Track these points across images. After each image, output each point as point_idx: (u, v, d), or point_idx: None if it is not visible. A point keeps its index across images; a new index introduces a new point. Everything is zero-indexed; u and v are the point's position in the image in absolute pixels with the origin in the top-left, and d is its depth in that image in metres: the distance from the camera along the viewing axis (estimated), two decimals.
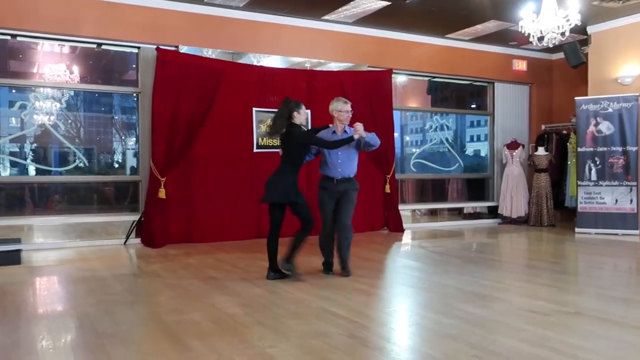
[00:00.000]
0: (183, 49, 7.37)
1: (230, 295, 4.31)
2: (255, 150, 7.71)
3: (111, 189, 8.75)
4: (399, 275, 5.61)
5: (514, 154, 9.78)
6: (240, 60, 7.88)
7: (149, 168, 7.10)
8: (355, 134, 4.94)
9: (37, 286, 4.97)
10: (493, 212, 10.17)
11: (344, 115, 5.15)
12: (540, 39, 6.30)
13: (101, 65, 8.99)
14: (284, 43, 8.07)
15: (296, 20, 8.09)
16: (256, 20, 7.81)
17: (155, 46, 7.14)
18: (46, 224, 7.66)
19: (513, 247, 7.78)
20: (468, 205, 10.59)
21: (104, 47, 7.47)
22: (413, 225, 9.46)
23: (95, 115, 9.98)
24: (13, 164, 8.22)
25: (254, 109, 7.72)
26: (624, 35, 8.43)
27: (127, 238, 7.20)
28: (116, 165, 9.99)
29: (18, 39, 7.02)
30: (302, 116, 4.90)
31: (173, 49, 7.30)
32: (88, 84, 8.53)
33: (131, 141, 9.36)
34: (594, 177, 8.32)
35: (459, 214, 10.62)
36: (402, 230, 8.69)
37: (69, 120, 8.95)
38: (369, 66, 8.75)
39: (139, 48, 7.33)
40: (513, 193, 9.75)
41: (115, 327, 3.48)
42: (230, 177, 7.47)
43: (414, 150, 11.09)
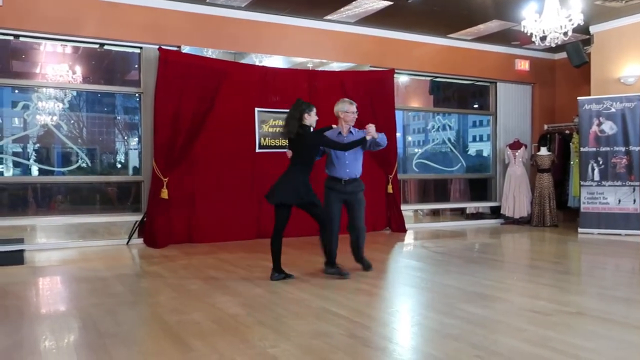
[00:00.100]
0: (185, 49, 7.38)
1: (232, 295, 4.31)
2: (257, 150, 7.73)
3: (114, 189, 8.76)
4: (401, 275, 5.60)
5: (517, 154, 9.76)
6: (242, 61, 7.89)
7: (152, 168, 7.11)
8: (367, 135, 4.95)
9: (40, 286, 4.99)
10: (495, 213, 10.16)
11: (350, 116, 5.17)
12: (543, 38, 6.29)
13: (103, 65, 8.99)
14: (285, 43, 8.07)
15: (298, 20, 8.10)
16: (258, 20, 7.82)
17: (157, 46, 7.15)
18: (49, 224, 7.69)
19: (515, 248, 7.77)
20: (470, 206, 10.57)
21: (106, 48, 7.49)
22: (415, 226, 9.45)
23: (97, 116, 9.98)
24: (16, 164, 8.23)
25: (257, 109, 7.73)
26: (627, 35, 8.41)
27: (130, 238, 7.22)
28: (119, 166, 9.98)
29: (20, 39, 7.04)
30: (313, 118, 4.88)
31: (175, 49, 7.32)
32: (90, 84, 8.54)
33: (134, 141, 9.37)
34: (596, 177, 8.29)
35: (461, 214, 10.60)
36: (405, 230, 8.69)
37: (72, 121, 8.96)
38: (371, 66, 8.74)
39: (141, 48, 7.35)
40: (515, 193, 9.72)
41: (117, 327, 3.49)
42: (232, 177, 7.48)
43: (416, 150, 11.07)
